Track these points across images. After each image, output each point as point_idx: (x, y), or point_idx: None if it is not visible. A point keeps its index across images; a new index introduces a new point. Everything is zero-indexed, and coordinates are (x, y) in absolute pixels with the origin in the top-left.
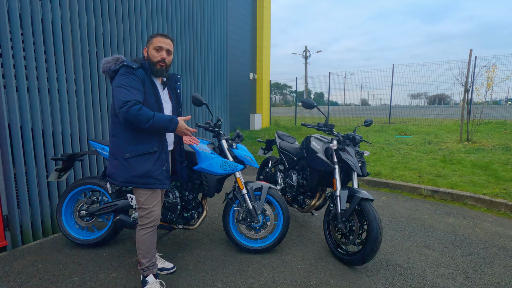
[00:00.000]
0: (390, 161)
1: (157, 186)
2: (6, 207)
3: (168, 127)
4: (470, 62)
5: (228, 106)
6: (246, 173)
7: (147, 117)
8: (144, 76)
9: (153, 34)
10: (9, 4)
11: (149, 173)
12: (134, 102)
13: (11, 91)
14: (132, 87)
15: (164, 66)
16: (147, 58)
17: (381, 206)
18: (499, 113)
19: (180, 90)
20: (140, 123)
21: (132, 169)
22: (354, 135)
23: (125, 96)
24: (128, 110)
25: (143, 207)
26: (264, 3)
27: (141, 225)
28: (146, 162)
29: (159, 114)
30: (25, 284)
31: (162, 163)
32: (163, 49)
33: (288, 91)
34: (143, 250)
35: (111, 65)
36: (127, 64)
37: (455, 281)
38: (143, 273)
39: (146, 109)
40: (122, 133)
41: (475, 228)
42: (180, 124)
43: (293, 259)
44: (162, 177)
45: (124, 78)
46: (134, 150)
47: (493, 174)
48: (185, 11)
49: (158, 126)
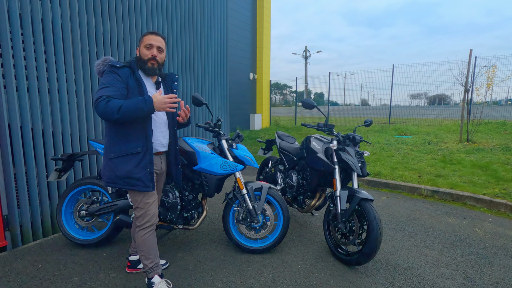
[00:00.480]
0: (390, 161)
1: (140, 188)
2: (6, 207)
3: (144, 107)
4: (470, 62)
5: (228, 106)
6: (246, 173)
7: (116, 106)
8: (128, 75)
9: (143, 33)
10: (9, 4)
11: (130, 174)
12: (104, 97)
13: (11, 91)
14: (110, 84)
15: (155, 64)
16: (139, 57)
17: (381, 206)
18: (499, 113)
19: (177, 90)
20: (111, 114)
21: (115, 169)
22: (354, 135)
23: (98, 94)
24: (97, 105)
25: (139, 207)
26: (264, 3)
27: (139, 226)
28: (128, 163)
29: (130, 99)
30: (25, 284)
31: (146, 165)
32: (153, 47)
33: (288, 91)
34: (145, 251)
35: (100, 66)
36: (111, 64)
37: (455, 281)
38: (148, 275)
39: (115, 100)
40: (109, 133)
41: (475, 228)
42: (158, 99)
43: (293, 259)
44: (146, 179)
45: (105, 77)
46: (118, 151)
47: (493, 174)
48: (185, 11)
49: (130, 110)
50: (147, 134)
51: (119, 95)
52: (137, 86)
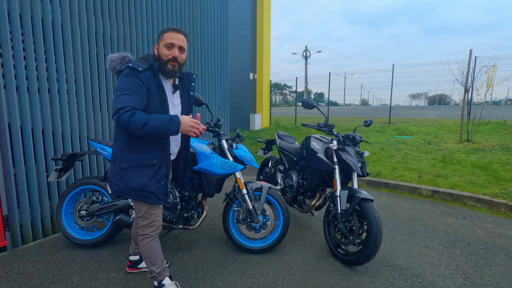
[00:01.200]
0: (390, 161)
1: (152, 201)
2: (6, 207)
3: (170, 128)
4: (470, 62)
5: (228, 106)
6: (246, 173)
7: (142, 122)
8: (150, 79)
9: (163, 29)
10: (9, 4)
11: (144, 187)
12: (127, 108)
13: (11, 91)
14: (132, 91)
15: (176, 65)
16: (158, 57)
17: (381, 206)
18: (499, 113)
19: (194, 93)
20: (133, 130)
21: (128, 181)
22: (354, 135)
23: (120, 102)
24: (119, 117)
25: (144, 216)
26: (264, 3)
27: (143, 235)
28: (142, 175)
29: (156, 116)
30: (25, 284)
31: (160, 178)
32: (175, 46)
33: (288, 91)
34: (151, 258)
35: (116, 64)
36: (132, 66)
37: (455, 281)
38: (156, 280)
39: (141, 114)
40: (121, 139)
41: (475, 228)
42: (184, 121)
43: (293, 259)
44: (159, 192)
45: (126, 80)
46: (132, 160)
47: (493, 174)
48: (185, 11)
49: (155, 130)
50: (164, 146)
51: (141, 104)
52: (158, 93)
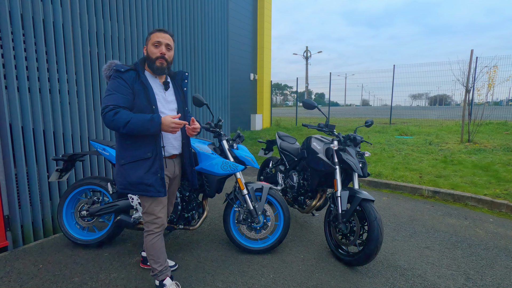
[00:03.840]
0: (391, 161)
1: (152, 194)
2: (7, 207)
3: (150, 128)
4: (471, 62)
5: (228, 106)
6: (246, 173)
7: (124, 120)
8: (134, 78)
9: (150, 31)
10: (11, 4)
11: (141, 180)
12: (110, 107)
13: (13, 92)
14: (116, 91)
15: (164, 62)
16: (147, 56)
17: (382, 207)
18: (500, 113)
19: (187, 89)
20: (117, 127)
21: (127, 176)
22: (355, 136)
23: (105, 102)
24: (104, 116)
25: (148, 212)
26: (265, 3)
27: (148, 231)
28: (139, 169)
29: (138, 115)
30: (26, 284)
31: (156, 171)
32: (161, 44)
33: (289, 92)
34: (154, 255)
35: (107, 72)
36: (116, 68)
37: (456, 282)
38: (157, 278)
39: (124, 113)
40: (119, 137)
41: (476, 229)
42: (165, 121)
43: (294, 260)
44: (157, 184)
45: (111, 82)
46: (128, 157)
47: (494, 175)
48: (185, 11)
49: (137, 128)
50: (156, 139)
51: (125, 101)
52: (143, 89)
